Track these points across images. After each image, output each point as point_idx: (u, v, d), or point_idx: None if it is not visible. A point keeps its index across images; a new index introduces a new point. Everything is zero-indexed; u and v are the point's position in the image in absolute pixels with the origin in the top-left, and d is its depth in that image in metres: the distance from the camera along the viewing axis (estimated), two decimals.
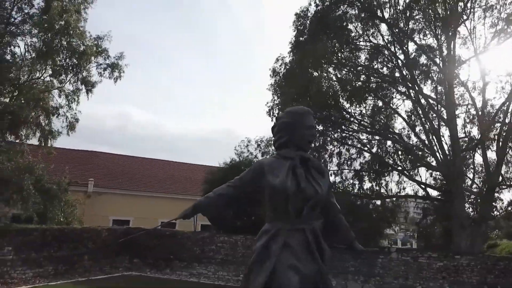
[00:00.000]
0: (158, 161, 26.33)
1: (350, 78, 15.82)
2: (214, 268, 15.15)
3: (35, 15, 12.70)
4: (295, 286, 3.08)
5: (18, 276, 12.10)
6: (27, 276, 12.33)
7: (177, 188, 23.27)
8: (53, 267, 13.16)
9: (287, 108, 10.05)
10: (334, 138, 17.68)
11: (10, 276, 11.92)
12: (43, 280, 12.26)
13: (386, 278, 13.42)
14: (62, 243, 13.51)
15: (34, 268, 12.67)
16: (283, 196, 3.22)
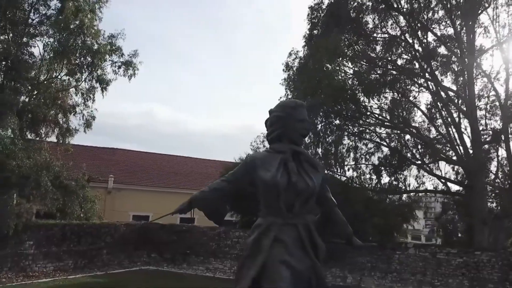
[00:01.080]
0: (177, 157, 26.65)
1: (365, 71, 15.54)
2: (230, 263, 15.23)
3: (52, 15, 13.02)
4: (286, 281, 3.03)
5: (39, 270, 12.50)
6: (48, 269, 12.73)
7: (196, 184, 23.49)
8: (73, 261, 13.54)
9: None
10: (351, 133, 17.41)
11: (32, 269, 12.34)
12: (62, 274, 12.62)
13: (403, 274, 13.18)
14: (81, 238, 13.87)
15: (55, 262, 13.07)
16: (274, 190, 3.17)
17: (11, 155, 10.49)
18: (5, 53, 11.64)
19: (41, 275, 12.11)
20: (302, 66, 15.08)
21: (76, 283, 11.49)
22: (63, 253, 13.31)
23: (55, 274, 12.50)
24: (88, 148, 23.34)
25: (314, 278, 3.21)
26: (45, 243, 12.83)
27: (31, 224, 12.48)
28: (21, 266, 12.08)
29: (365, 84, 15.56)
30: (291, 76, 15.60)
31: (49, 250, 12.94)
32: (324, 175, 3.47)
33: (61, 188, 12.47)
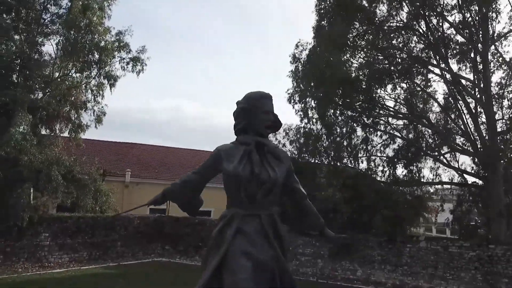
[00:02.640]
0: (195, 151, 26.97)
1: (378, 61, 15.22)
2: None
3: (64, 14, 13.38)
4: (246, 272, 3.04)
5: (55, 260, 13.01)
6: (63, 260, 13.23)
7: (214, 178, 23.72)
8: (88, 252, 14.01)
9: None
10: (364, 124, 17.14)
11: (48, 260, 12.86)
12: (77, 265, 13.10)
13: (414, 268, 12.94)
14: (96, 230, 14.32)
15: (70, 253, 13.57)
16: (236, 181, 3.21)
17: (23, 150, 10.92)
18: (18, 52, 12.08)
19: (56, 266, 12.61)
20: (309, 57, 14.92)
21: (88, 274, 11.89)
22: (78, 244, 13.80)
23: (70, 265, 12.99)
24: (107, 143, 23.96)
25: (277, 269, 3.20)
26: (60, 235, 13.33)
27: (46, 216, 13.00)
28: (37, 257, 12.61)
29: (375, 73, 15.27)
30: (299, 68, 15.48)
31: (64, 242, 13.44)
32: (289, 166, 3.46)
33: (74, 182, 12.88)
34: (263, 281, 3.08)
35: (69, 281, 10.60)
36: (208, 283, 3.17)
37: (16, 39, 12.45)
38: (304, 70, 15.08)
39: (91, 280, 10.97)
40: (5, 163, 10.76)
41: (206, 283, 3.17)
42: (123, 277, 11.49)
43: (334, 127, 16.86)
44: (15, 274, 11.05)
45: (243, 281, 2.96)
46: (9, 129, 10.70)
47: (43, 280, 10.59)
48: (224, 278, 3.12)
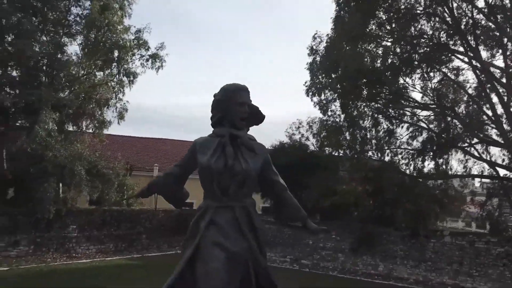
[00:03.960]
0: None
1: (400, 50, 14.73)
2: None
3: (88, 15, 13.85)
4: (218, 262, 3.06)
5: (82, 252, 13.60)
6: (90, 251, 13.80)
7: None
8: (114, 244, 14.53)
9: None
10: (388, 116, 16.69)
11: (75, 251, 13.45)
12: (103, 256, 13.62)
13: (438, 263, 12.53)
14: (121, 223, 14.83)
15: (97, 244, 14.13)
16: (208, 174, 3.22)
17: (48, 146, 11.46)
18: (44, 53, 12.65)
19: (83, 257, 13.17)
20: (328, 49, 14.64)
21: (112, 264, 12.35)
22: (104, 236, 14.34)
23: (96, 256, 13.52)
24: (137, 139, 24.65)
25: (251, 260, 3.19)
26: (87, 227, 13.90)
27: (73, 210, 13.59)
28: (65, 248, 13.22)
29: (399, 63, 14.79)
30: (316, 60, 15.23)
31: (91, 234, 14.01)
32: (266, 158, 3.42)
33: (98, 177, 13.37)
34: (236, 272, 3.07)
35: (92, 271, 11.06)
36: (182, 273, 3.22)
37: (42, 41, 13.01)
38: (323, 62, 14.84)
39: (114, 271, 11.39)
40: (32, 159, 11.34)
41: (180, 273, 3.22)
42: (145, 268, 11.85)
43: (358, 120, 16.52)
44: (43, 263, 11.65)
45: (214, 270, 2.97)
46: (35, 126, 11.26)
47: (68, 270, 11.11)
48: (197, 268, 3.15)
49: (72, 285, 9.30)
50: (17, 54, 12.23)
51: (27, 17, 12.54)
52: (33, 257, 12.13)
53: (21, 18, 12.28)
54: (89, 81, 13.73)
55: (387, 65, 14.93)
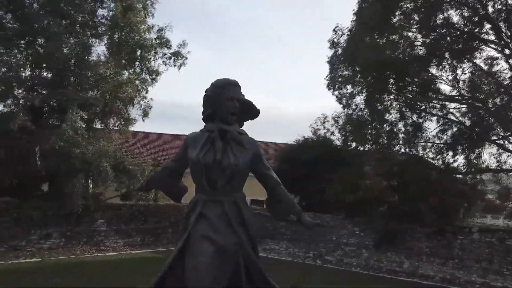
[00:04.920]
0: None
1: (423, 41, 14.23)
2: (286, 244, 15.46)
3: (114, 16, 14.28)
4: (207, 255, 3.12)
5: (111, 245, 14.13)
6: (118, 244, 14.33)
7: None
8: (141, 238, 15.01)
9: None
10: (416, 109, 16.21)
11: (104, 244, 14.01)
12: (130, 249, 14.11)
13: (466, 261, 12.08)
14: (148, 217, 15.28)
15: (125, 238, 14.64)
16: (197, 168, 3.30)
17: (76, 144, 11.97)
18: (71, 54, 13.19)
19: (111, 250, 13.69)
20: (350, 42, 14.36)
21: (138, 257, 12.78)
22: (132, 230, 14.84)
23: (123, 249, 14.02)
24: (166, 136, 25.23)
25: (241, 255, 3.23)
26: (115, 221, 14.43)
27: (102, 204, 14.15)
28: (94, 241, 13.79)
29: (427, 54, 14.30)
30: (337, 54, 14.98)
31: (119, 228, 14.53)
32: (256, 152, 3.44)
33: (125, 173, 13.83)
34: (225, 266, 3.11)
35: (117, 263, 11.49)
36: (172, 266, 3.31)
37: (71, 42, 13.56)
38: (344, 55, 14.58)
39: (139, 263, 11.78)
40: (61, 156, 11.88)
41: (170, 266, 3.32)
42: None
43: (383, 113, 16.14)
44: (73, 255, 12.22)
45: (203, 264, 3.03)
46: (62, 124, 11.79)
47: (95, 262, 11.59)
48: (186, 261, 3.22)
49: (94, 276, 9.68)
50: (47, 56, 12.82)
51: (56, 20, 13.10)
52: (64, 249, 12.75)
53: (50, 21, 12.84)
54: (115, 80, 14.18)
55: (413, 56, 14.48)
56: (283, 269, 10.79)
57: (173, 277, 3.31)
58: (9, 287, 8.21)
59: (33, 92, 12.78)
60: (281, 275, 7.96)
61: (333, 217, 14.74)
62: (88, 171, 12.23)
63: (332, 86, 15.16)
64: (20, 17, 13.08)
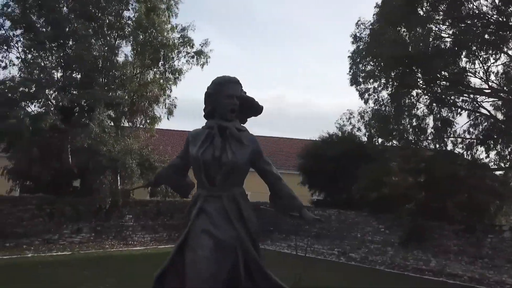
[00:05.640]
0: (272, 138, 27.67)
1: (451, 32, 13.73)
2: (310, 241, 15.39)
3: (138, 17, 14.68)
4: (205, 249, 3.21)
5: (138, 239, 14.57)
6: (145, 239, 14.75)
7: (279, 163, 24.13)
8: (167, 233, 15.38)
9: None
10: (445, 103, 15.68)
11: (132, 239, 14.46)
12: (157, 244, 14.50)
13: (496, 261, 11.63)
14: (174, 213, 15.61)
15: (151, 233, 15.04)
16: (197, 164, 3.41)
17: (103, 142, 12.43)
18: (99, 56, 13.70)
19: (138, 244, 14.11)
20: (373, 35, 14.05)
21: (162, 252, 13.06)
22: (158, 226, 15.23)
23: (150, 244, 14.42)
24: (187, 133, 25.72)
25: (240, 249, 3.31)
26: (142, 217, 14.86)
27: (129, 200, 14.60)
28: (122, 236, 14.25)
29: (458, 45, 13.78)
30: (360, 48, 14.68)
31: (146, 223, 14.95)
32: (255, 148, 3.50)
33: (151, 170, 14.20)
34: (225, 260, 3.19)
35: (143, 257, 11.82)
36: (173, 260, 3.43)
37: (98, 44, 14.06)
38: (367, 50, 14.30)
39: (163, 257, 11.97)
40: (89, 154, 12.37)
41: (171, 260, 3.44)
42: None
43: (411, 108, 15.73)
44: (102, 249, 12.70)
45: (201, 258, 3.13)
46: (89, 123, 12.27)
47: (122, 256, 12.00)
48: (186, 255, 3.33)
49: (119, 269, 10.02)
50: (77, 58, 13.36)
51: (84, 23, 13.63)
52: (93, 244, 13.27)
53: (78, 24, 13.36)
54: (140, 80, 14.58)
55: (440, 49, 14.01)
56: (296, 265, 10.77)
57: (174, 271, 3.42)
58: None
59: (64, 93, 13.36)
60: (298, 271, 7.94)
61: (358, 214, 14.55)
62: (114, 168, 12.66)
63: (354, 82, 14.92)
64: (51, 21, 13.70)
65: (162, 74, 14.96)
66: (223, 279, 3.14)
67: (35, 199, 12.88)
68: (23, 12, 13.63)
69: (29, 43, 13.51)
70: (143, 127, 15.41)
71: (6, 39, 13.53)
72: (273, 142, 27.15)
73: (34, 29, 13.73)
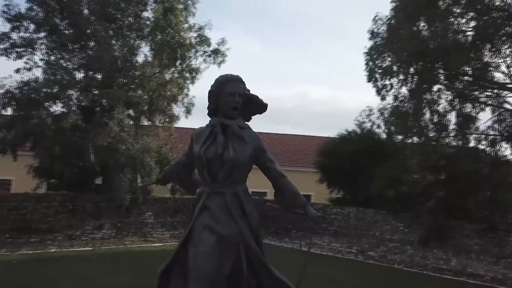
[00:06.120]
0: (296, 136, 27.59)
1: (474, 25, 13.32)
2: (328, 239, 15.31)
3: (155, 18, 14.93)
4: (207, 245, 3.29)
5: (157, 236, 14.84)
6: (165, 236, 15.00)
7: (298, 162, 24.01)
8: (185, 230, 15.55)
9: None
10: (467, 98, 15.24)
11: (151, 236, 14.74)
12: (176, 240, 14.69)
13: None
14: None
15: (170, 230, 15.30)
16: (200, 161, 3.49)
17: (122, 140, 12.72)
18: (117, 56, 14.01)
19: (157, 241, 14.36)
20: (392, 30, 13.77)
21: None
22: (177, 223, 15.46)
23: (169, 240, 14.66)
24: None
25: (242, 245, 3.36)
26: (161, 214, 15.13)
27: (149, 197, 14.90)
28: (142, 232, 14.56)
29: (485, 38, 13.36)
30: (377, 44, 14.43)
31: (165, 220, 15.22)
32: (256, 146, 3.54)
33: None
34: (227, 255, 3.25)
35: (161, 254, 12.03)
36: (177, 256, 3.52)
37: (118, 45, 14.37)
38: (385, 45, 14.04)
39: None
40: (109, 152, 12.69)
41: (175, 255, 3.53)
42: None
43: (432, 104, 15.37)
44: (122, 245, 13.01)
45: (203, 253, 3.20)
46: (109, 122, 12.58)
47: (141, 252, 12.26)
48: (189, 251, 3.41)
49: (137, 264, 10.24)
50: (97, 59, 13.71)
51: (104, 24, 13.97)
52: (114, 240, 13.61)
53: (99, 25, 13.70)
54: (159, 79, 14.83)
55: (463, 43, 13.62)
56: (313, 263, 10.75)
57: (178, 265, 3.50)
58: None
59: (86, 93, 13.74)
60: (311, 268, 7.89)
61: (377, 212, 14.37)
62: (133, 166, 12.93)
63: (371, 78, 14.68)
64: (73, 23, 14.10)
65: (180, 74, 15.16)
66: (226, 273, 3.19)
67: (59, 196, 13.33)
68: (46, 15, 14.08)
69: (52, 45, 13.94)
70: (162, 125, 15.67)
71: (30, 42, 14.01)
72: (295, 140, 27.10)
73: (57, 31, 14.16)
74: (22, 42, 13.78)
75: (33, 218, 12.67)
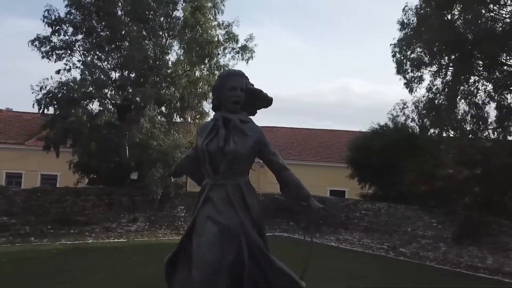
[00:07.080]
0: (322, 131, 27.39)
1: None
2: (359, 235, 15.11)
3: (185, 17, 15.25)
4: (209, 235, 3.44)
5: None
6: None
7: (327, 157, 23.70)
8: None
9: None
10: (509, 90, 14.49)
11: (184, 229, 15.12)
12: None
13: None
14: None
15: None
16: (203, 154, 3.66)
17: (153, 136, 13.18)
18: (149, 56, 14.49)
19: None
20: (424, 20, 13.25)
21: None
22: None
23: None
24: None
25: (243, 235, 3.49)
26: (193, 207, 15.43)
27: (181, 192, 15.33)
28: (175, 226, 15.02)
29: None
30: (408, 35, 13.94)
31: None
32: (258, 139, 3.64)
33: None
34: (228, 245, 3.37)
35: None
36: (182, 245, 3.69)
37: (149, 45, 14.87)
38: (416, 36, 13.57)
39: None
40: (142, 148, 13.19)
41: (180, 245, 3.70)
42: None
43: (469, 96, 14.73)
44: (155, 238, 13.51)
45: (206, 243, 3.34)
46: (141, 119, 13.07)
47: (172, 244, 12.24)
48: (193, 241, 3.57)
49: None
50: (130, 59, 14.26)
51: (138, 25, 14.48)
52: (148, 232, 14.15)
53: (132, 26, 14.23)
54: (189, 77, 15.18)
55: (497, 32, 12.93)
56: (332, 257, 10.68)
57: (183, 255, 3.66)
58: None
59: (120, 92, 14.32)
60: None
61: (409, 207, 14.00)
62: (165, 161, 13.35)
63: (401, 70, 14.25)
64: (108, 25, 14.72)
65: (209, 71, 15.44)
66: (228, 263, 3.29)
67: (96, 190, 14.02)
68: (83, 18, 14.78)
69: (88, 47, 14.63)
70: (193, 122, 16.02)
71: (69, 44, 14.77)
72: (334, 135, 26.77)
73: (93, 33, 14.84)
74: (62, 44, 14.55)
75: (73, 210, 13.40)
